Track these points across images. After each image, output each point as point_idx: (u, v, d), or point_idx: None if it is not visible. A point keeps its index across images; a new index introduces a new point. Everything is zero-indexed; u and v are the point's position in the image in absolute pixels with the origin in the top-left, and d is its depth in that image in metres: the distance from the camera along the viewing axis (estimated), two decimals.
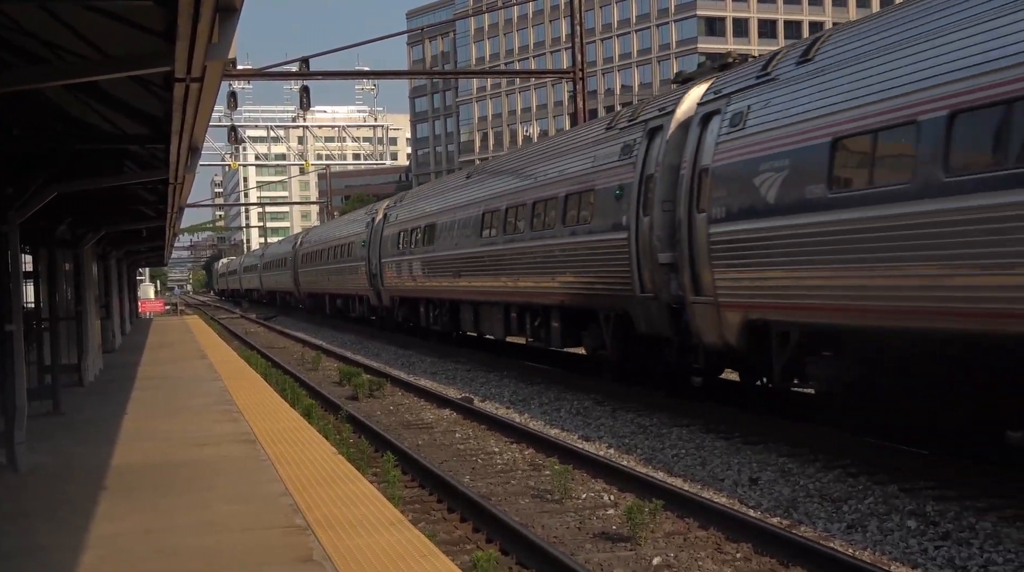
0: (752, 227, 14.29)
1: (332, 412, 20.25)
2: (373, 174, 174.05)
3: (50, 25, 8.86)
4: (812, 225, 12.98)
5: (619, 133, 19.56)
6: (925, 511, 11.22)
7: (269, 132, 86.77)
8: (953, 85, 10.90)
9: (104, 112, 12.35)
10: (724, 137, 15.27)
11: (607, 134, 20.26)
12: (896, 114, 11.63)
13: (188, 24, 5.85)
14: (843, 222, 12.40)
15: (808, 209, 13.01)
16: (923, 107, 11.21)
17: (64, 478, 11.92)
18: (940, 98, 11.01)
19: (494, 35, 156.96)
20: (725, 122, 15.36)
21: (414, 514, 11.96)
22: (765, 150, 14.06)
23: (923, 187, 11.13)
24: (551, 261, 21.98)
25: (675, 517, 11.42)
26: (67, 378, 20.63)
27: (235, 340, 45.51)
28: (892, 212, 11.61)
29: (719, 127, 15.51)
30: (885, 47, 12.29)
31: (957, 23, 11.20)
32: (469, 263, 28.20)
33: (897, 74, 11.80)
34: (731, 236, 14.88)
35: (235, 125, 59.65)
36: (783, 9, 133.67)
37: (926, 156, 11.10)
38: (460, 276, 29.13)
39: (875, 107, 11.96)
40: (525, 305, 24.29)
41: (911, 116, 11.35)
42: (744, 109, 14.91)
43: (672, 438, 16.20)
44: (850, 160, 12.53)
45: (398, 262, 36.89)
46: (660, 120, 17.87)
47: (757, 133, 14.39)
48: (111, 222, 23.94)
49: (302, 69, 36.50)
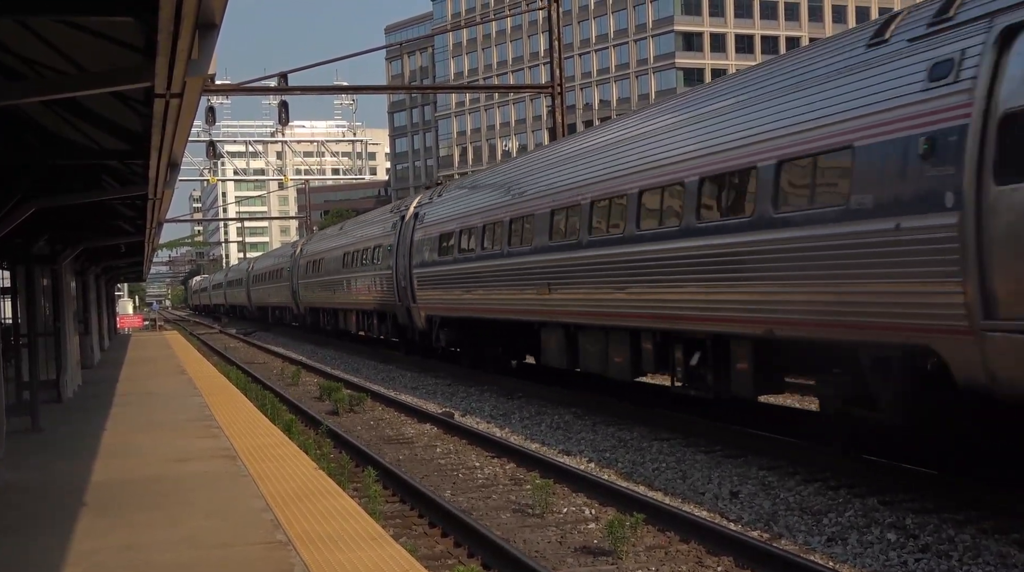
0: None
1: (313, 427, 20.20)
2: (352, 189, 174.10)
3: (28, 41, 8.84)
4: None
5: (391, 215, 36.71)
6: (905, 524, 11.27)
7: (248, 147, 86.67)
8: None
9: (83, 127, 12.33)
10: (417, 225, 31.19)
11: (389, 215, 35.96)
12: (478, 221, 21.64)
13: (168, 40, 5.85)
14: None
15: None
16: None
17: (43, 495, 11.86)
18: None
19: (472, 50, 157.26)
20: (418, 218, 31.54)
21: (395, 529, 11.94)
22: (434, 233, 29.49)
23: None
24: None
25: (656, 531, 11.43)
26: (45, 394, 20.52)
27: (214, 355, 45.37)
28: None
29: (414, 221, 31.59)
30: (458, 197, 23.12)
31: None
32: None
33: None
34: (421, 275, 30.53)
35: (214, 140, 59.60)
36: (760, 24, 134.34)
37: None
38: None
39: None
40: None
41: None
42: (424, 213, 30.90)
43: (652, 452, 16.22)
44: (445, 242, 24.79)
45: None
46: (402, 213, 33.97)
47: (428, 225, 30.14)
48: (90, 238, 23.84)
49: (281, 84, 36.55)
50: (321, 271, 49.00)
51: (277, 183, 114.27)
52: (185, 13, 5.39)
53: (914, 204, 11.04)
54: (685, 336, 16.34)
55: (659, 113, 17.98)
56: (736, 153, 14.44)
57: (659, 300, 16.73)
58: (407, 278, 32.52)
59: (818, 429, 14.73)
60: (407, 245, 32.75)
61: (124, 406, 20.70)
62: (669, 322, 16.57)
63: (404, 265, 32.93)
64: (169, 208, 20.05)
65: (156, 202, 15.51)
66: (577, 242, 19.67)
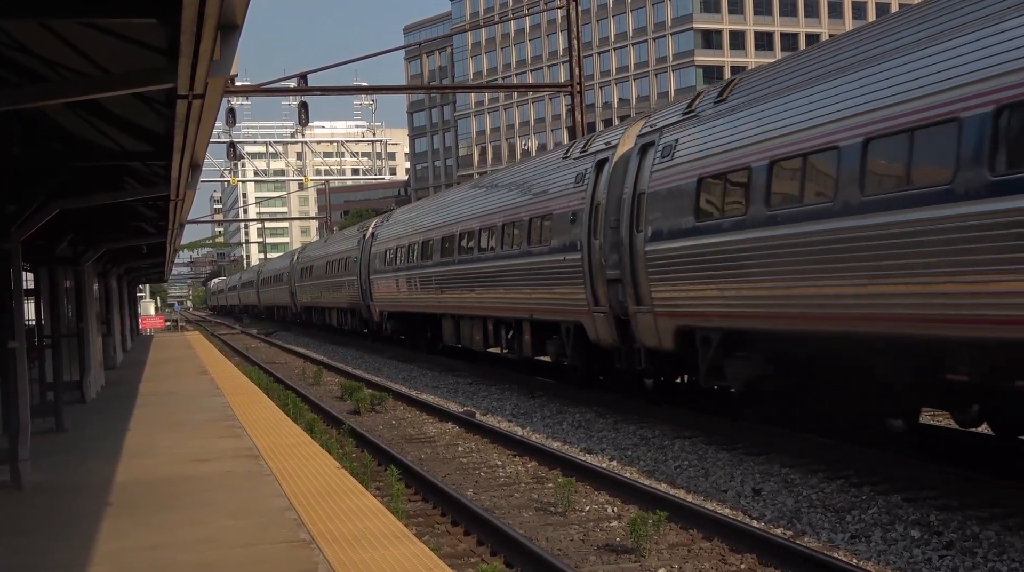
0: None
1: (334, 426, 20.25)
2: (372, 189, 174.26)
3: (51, 43, 8.89)
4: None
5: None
6: (929, 521, 11.23)
7: (268, 148, 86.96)
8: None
9: (105, 129, 12.38)
10: (373, 243, 28.94)
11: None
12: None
13: (191, 42, 5.88)
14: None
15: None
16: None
17: (68, 495, 11.93)
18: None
19: (491, 49, 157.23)
20: (374, 237, 27.85)
21: (418, 528, 11.97)
22: (382, 249, 30.63)
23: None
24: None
25: (679, 528, 11.42)
26: (69, 395, 20.64)
27: (236, 356, 45.51)
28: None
29: (372, 238, 28.74)
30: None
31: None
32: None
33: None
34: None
35: (234, 141, 59.85)
36: (779, 21, 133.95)
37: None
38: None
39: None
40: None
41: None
42: (378, 233, 28.89)
43: (675, 450, 16.21)
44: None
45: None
46: (364, 231, 30.90)
47: (379, 242, 29.16)
48: (112, 239, 23.97)
49: (300, 85, 36.60)
50: (312, 276, 58.95)
51: (297, 184, 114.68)
52: (208, 14, 5.41)
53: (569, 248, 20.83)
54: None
55: (433, 207, 30.22)
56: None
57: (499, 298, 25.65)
58: (367, 282, 41.85)
59: (841, 427, 14.69)
60: (367, 257, 41.84)
61: (147, 406, 20.80)
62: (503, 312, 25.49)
63: (365, 273, 42.31)
64: (190, 209, 20.14)
65: (178, 203, 15.57)
66: (452, 259, 29.56)
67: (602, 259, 19.38)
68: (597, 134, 21.95)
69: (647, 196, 17.54)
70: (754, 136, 14.49)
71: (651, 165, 17.65)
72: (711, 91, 16.95)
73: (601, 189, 19.75)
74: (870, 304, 12.19)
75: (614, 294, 19.15)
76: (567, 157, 22.20)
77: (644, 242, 17.53)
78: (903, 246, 11.46)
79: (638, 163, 18.24)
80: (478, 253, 27.18)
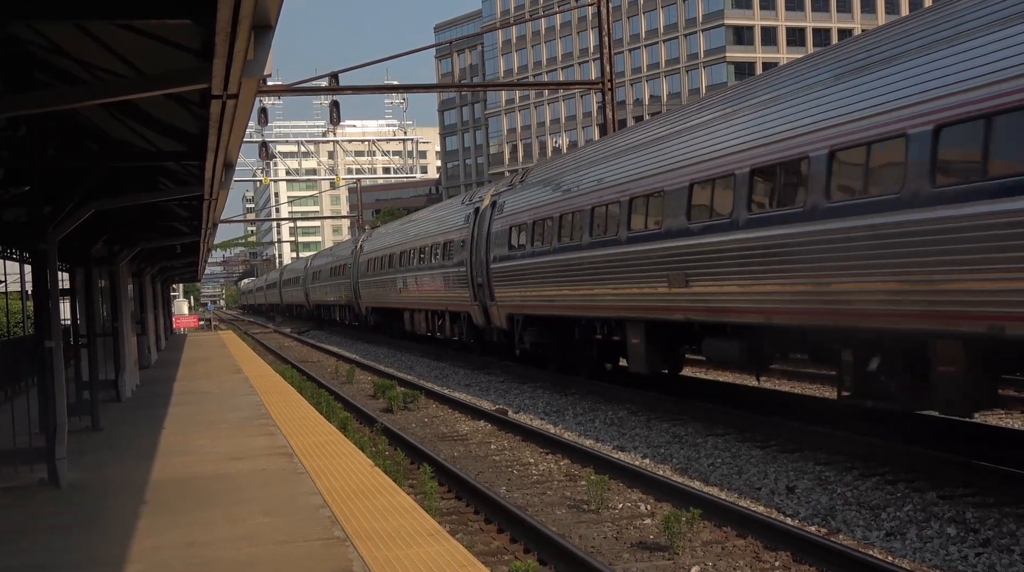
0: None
1: (367, 425, 20.31)
2: (403, 187, 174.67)
3: (86, 44, 8.97)
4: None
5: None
6: (965, 518, 11.17)
7: (300, 147, 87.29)
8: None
9: (139, 130, 12.48)
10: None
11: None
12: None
13: (225, 42, 5.92)
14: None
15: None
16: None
17: (104, 493, 12.02)
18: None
19: (522, 47, 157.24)
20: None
21: (452, 525, 11.99)
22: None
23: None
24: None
25: (712, 526, 11.40)
26: (105, 394, 20.79)
27: (269, 354, 45.72)
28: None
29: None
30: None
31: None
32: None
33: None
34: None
35: (266, 141, 60.09)
36: (812, 17, 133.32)
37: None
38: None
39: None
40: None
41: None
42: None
43: (707, 447, 16.17)
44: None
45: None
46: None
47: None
48: (146, 239, 24.14)
49: (332, 84, 36.74)
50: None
51: (329, 183, 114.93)
52: (242, 15, 5.45)
53: (461, 263, 31.70)
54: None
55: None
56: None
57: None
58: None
59: (873, 422, 14.62)
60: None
61: (182, 405, 20.92)
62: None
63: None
64: (223, 209, 20.24)
65: (211, 202, 15.66)
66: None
67: (474, 272, 30.47)
68: (475, 190, 34.32)
69: (491, 234, 28.63)
70: (532, 205, 25.58)
71: (491, 215, 29.22)
72: (518, 176, 29.15)
73: (475, 227, 30.84)
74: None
75: (481, 294, 29.98)
76: (465, 203, 34.29)
77: (490, 262, 28.50)
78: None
79: (490, 213, 29.43)
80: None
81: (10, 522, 10.67)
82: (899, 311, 12.35)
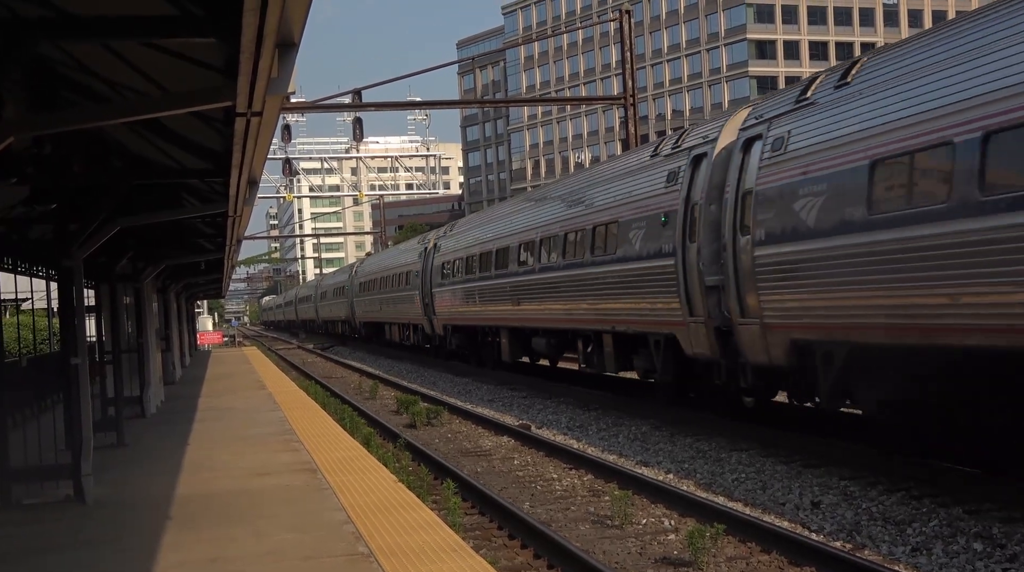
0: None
1: (391, 440, 20.34)
2: (426, 203, 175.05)
3: (111, 62, 9.04)
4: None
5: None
6: (991, 533, 11.10)
7: (323, 164, 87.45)
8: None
9: (164, 147, 12.56)
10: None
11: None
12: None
13: (250, 60, 5.96)
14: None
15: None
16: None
17: (130, 509, 12.07)
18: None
19: (544, 63, 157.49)
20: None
21: (475, 541, 11.98)
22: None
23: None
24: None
25: (737, 541, 11.37)
26: (130, 410, 20.89)
27: (293, 370, 45.83)
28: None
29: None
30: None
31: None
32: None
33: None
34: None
35: (289, 157, 60.28)
36: (834, 31, 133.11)
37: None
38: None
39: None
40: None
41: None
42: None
43: (732, 462, 16.12)
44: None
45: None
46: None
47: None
48: (171, 255, 24.25)
49: (355, 101, 36.88)
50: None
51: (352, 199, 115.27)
52: (267, 33, 5.49)
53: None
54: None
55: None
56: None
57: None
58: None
59: (895, 437, 14.54)
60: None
61: (206, 421, 21.00)
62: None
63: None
64: (247, 225, 20.33)
65: (236, 219, 15.73)
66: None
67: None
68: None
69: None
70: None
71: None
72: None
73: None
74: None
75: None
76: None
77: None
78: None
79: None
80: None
81: (37, 538, 10.72)
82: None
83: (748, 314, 16.01)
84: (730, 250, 16.37)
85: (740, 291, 16.14)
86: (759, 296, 15.49)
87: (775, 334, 15.32)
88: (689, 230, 17.98)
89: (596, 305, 22.73)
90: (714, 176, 17.31)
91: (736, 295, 16.27)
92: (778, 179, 15.00)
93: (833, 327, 13.97)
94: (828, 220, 13.67)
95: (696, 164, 18.17)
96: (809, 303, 14.34)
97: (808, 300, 14.34)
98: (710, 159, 17.53)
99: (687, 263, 18.07)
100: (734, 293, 16.33)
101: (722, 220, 16.82)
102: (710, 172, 17.40)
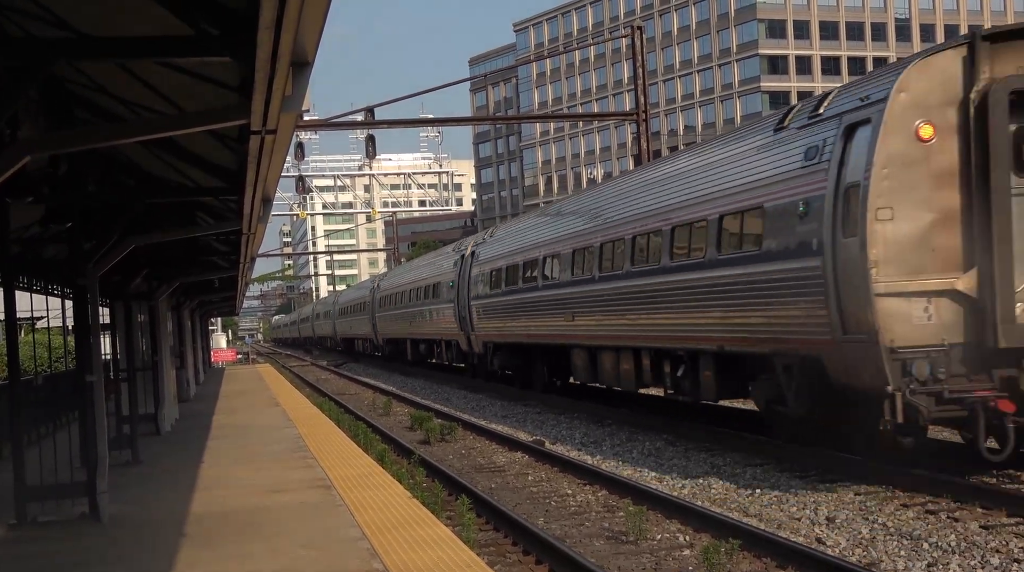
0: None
1: (405, 457, 20.33)
2: (439, 220, 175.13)
3: (125, 81, 9.09)
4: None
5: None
6: (1008, 548, 11.05)
7: (336, 181, 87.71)
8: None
9: (177, 165, 12.62)
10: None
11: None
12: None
13: (264, 79, 6.00)
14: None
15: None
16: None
17: (145, 526, 12.10)
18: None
19: (556, 79, 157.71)
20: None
21: (490, 557, 11.97)
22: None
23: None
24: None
25: (752, 557, 11.34)
26: (144, 428, 20.92)
27: (307, 387, 45.85)
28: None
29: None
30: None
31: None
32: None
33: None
34: None
35: (303, 175, 60.42)
36: (846, 46, 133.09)
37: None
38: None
39: None
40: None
41: None
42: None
43: (746, 477, 16.09)
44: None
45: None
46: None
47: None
48: (185, 273, 24.32)
49: (367, 118, 37.02)
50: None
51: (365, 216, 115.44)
52: (281, 52, 5.53)
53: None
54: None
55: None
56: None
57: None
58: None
59: (913, 453, 14.49)
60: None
61: (220, 438, 21.03)
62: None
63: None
64: (261, 243, 20.40)
65: (249, 237, 15.78)
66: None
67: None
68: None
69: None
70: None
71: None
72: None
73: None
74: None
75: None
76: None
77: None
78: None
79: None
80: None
81: (53, 556, 10.75)
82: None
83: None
84: (467, 301, 14.99)
85: (471, 320, 14.75)
86: (476, 322, 15.34)
87: (479, 338, 15.80)
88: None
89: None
90: (464, 266, 16.47)
91: (470, 322, 15.05)
92: (477, 270, 17.03)
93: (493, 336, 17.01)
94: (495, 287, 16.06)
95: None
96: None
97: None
98: (464, 258, 16.21)
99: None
100: (469, 321, 15.15)
101: (464, 287, 16.04)
102: (463, 264, 16.68)
